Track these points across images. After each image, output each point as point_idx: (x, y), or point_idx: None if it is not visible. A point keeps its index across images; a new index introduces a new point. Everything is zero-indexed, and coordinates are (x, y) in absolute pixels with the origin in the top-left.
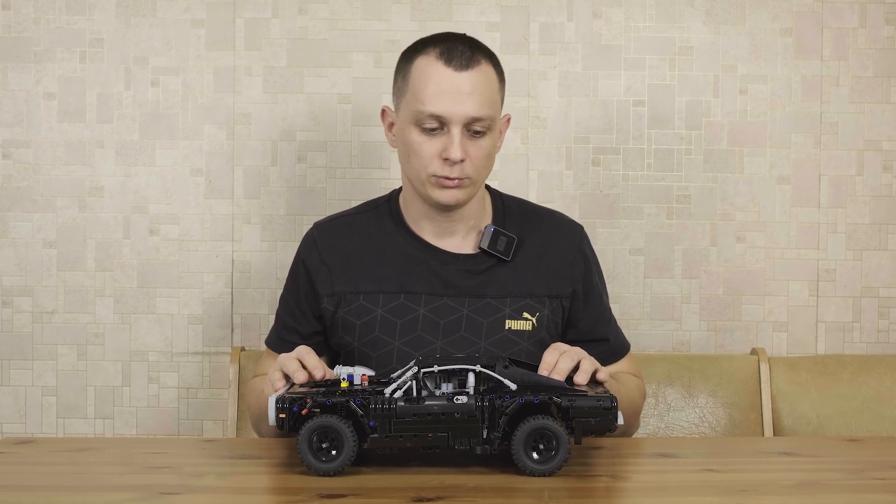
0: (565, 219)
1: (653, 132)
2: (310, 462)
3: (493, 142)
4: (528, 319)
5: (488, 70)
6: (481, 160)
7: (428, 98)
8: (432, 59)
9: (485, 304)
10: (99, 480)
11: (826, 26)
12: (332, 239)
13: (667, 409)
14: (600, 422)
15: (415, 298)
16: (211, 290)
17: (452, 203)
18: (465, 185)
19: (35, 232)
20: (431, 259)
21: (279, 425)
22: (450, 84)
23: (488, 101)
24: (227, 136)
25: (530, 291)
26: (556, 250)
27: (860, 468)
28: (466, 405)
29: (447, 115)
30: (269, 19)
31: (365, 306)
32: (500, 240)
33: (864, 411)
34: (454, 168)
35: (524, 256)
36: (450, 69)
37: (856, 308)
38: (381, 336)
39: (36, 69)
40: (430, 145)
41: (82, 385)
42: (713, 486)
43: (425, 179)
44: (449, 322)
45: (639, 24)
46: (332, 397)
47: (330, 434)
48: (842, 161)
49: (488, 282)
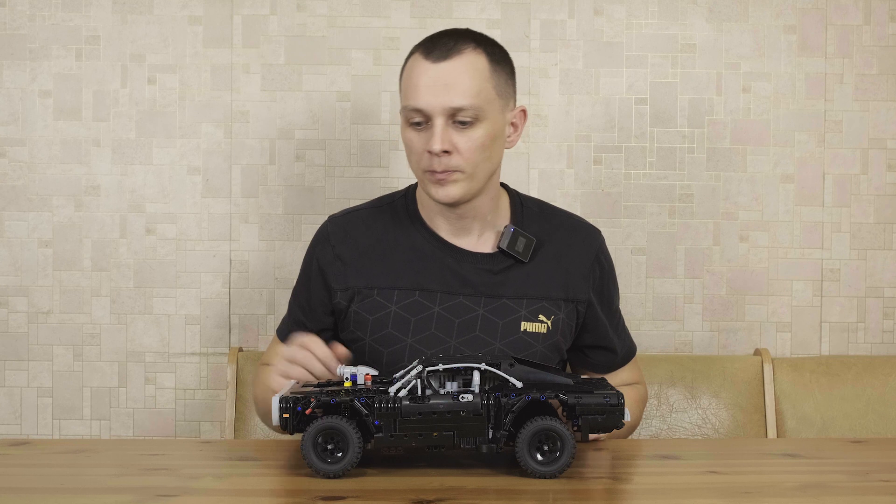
0: (584, 223)
1: (655, 130)
2: (314, 464)
3: (488, 132)
4: (544, 322)
5: (475, 58)
6: (473, 152)
7: (410, 93)
8: (419, 55)
9: (501, 304)
10: (95, 483)
11: (830, 23)
12: (346, 233)
13: (669, 411)
14: (607, 419)
15: (430, 296)
16: (208, 290)
17: (448, 200)
18: (457, 180)
19: (30, 231)
20: (448, 257)
21: (283, 425)
22: (427, 76)
23: (472, 91)
24: (224, 134)
25: (546, 294)
26: (574, 254)
27: (865, 470)
28: (472, 404)
29: (426, 108)
30: (268, 16)
31: (378, 302)
32: (519, 240)
33: (869, 413)
34: (440, 161)
35: (542, 258)
36: (428, 62)
37: (860, 308)
38: (393, 332)
39: (31, 66)
40: (419, 140)
41: (78, 386)
42: (716, 489)
43: (421, 176)
44: (464, 321)
45: (641, 21)
46: (336, 396)
47: (335, 436)
48: (846, 159)
49: (505, 282)
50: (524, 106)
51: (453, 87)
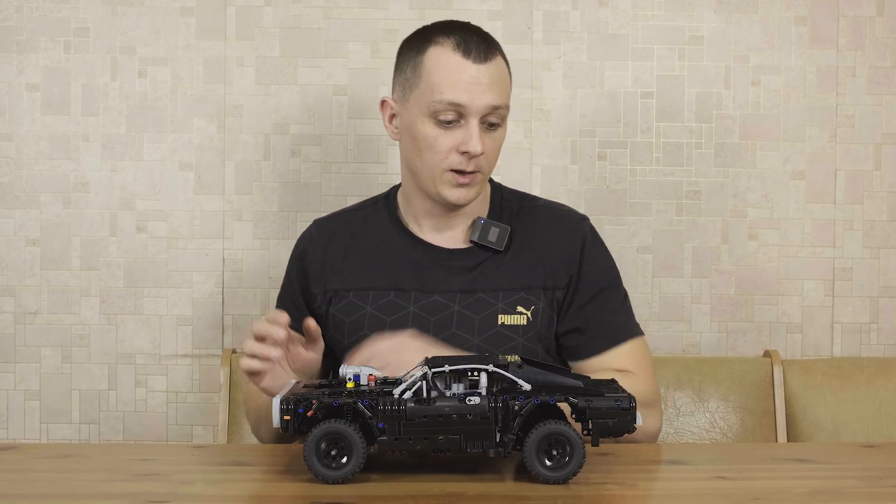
0: (567, 210)
1: (661, 125)
2: (318, 470)
3: (504, 134)
4: (523, 313)
5: (502, 63)
6: (495, 153)
7: (448, 88)
8: (448, 50)
9: (476, 298)
10: (84, 488)
11: (842, 14)
12: (328, 236)
13: (676, 414)
14: (618, 423)
15: (405, 295)
16: (201, 290)
17: (464, 203)
18: (476, 182)
19: (17, 229)
20: (422, 255)
21: (284, 428)
22: (469, 76)
23: (506, 92)
24: (217, 129)
25: (524, 284)
26: (553, 241)
27: (878, 475)
28: (479, 406)
29: (468, 104)
30: (262, 7)
31: (355, 303)
32: (491, 231)
33: (882, 416)
34: (472, 161)
35: (518, 248)
36: (469, 61)
37: (873, 308)
38: (369, 334)
39: (18, 59)
40: (447, 138)
41: (67, 389)
42: (724, 495)
43: (438, 175)
44: (439, 319)
45: (647, 13)
46: (338, 398)
47: (338, 440)
48: (859, 155)
49: (481, 276)
50: None
51: (494, 88)
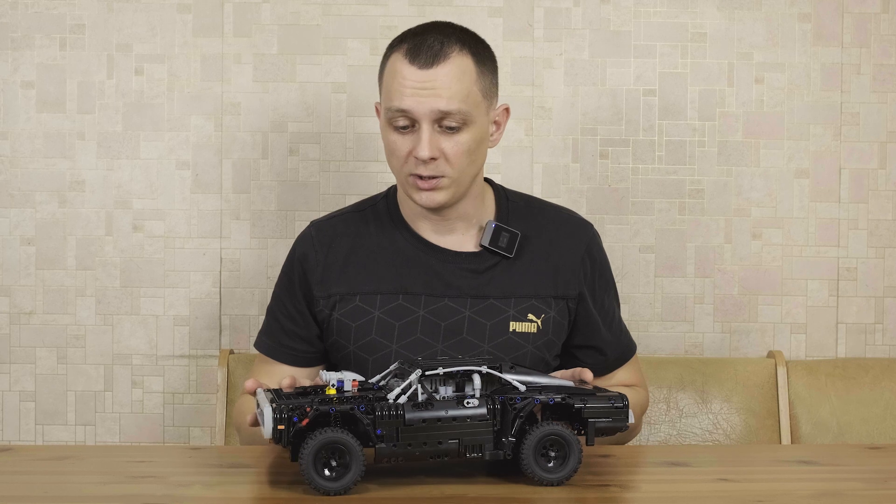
0: (574, 216)
1: (664, 123)
2: (316, 482)
3: (474, 137)
4: (534, 321)
5: (462, 61)
6: (460, 157)
7: (395, 94)
8: (400, 56)
9: (488, 304)
10: (80, 490)
11: (847, 11)
12: (328, 238)
13: (679, 416)
14: (613, 422)
15: (414, 299)
16: (198, 290)
17: (432, 206)
18: (442, 186)
19: (12, 228)
20: (431, 258)
21: (277, 439)
22: (413, 81)
23: (460, 95)
24: (214, 127)
25: (535, 292)
26: (564, 249)
27: (883, 477)
28: (479, 409)
29: (413, 111)
30: (260, 4)
31: (361, 308)
32: (502, 236)
33: (887, 417)
34: (427, 166)
35: (529, 255)
36: (414, 67)
37: (878, 309)
38: (377, 339)
39: (13, 56)
40: (405, 143)
41: (62, 390)
42: (728, 497)
43: (404, 180)
44: (450, 324)
45: (649, 10)
46: (334, 405)
47: (336, 450)
48: (863, 153)
49: (491, 281)
50: (507, 104)
51: (441, 92)
